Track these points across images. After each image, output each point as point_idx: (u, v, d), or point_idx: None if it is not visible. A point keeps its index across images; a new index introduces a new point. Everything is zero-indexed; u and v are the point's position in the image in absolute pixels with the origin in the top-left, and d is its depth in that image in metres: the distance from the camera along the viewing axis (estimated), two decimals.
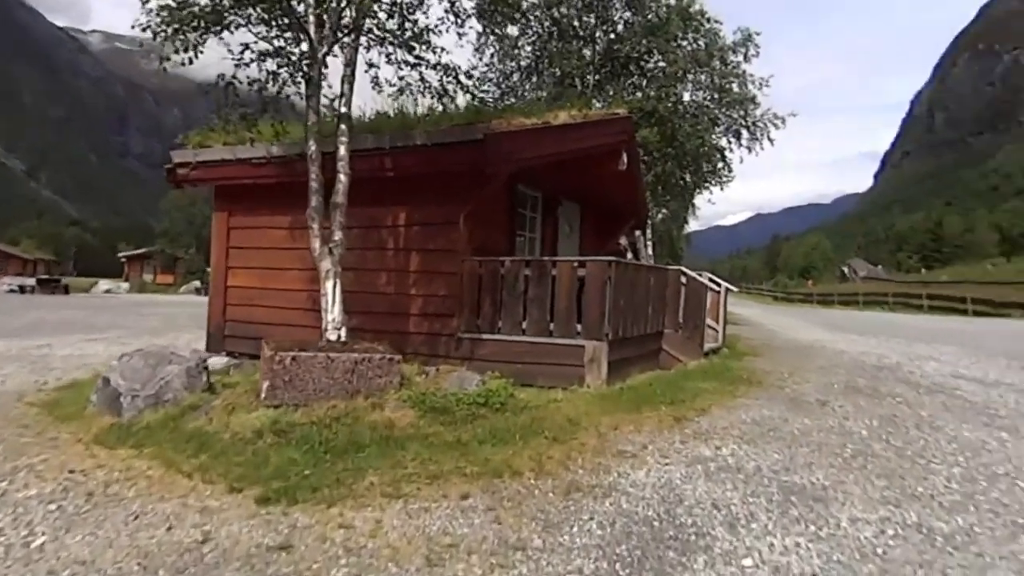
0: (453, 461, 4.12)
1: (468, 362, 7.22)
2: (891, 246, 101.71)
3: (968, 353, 10.06)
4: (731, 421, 5.18)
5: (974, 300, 28.66)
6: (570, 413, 5.19)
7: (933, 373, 7.92)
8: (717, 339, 10.16)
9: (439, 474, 3.92)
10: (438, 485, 3.77)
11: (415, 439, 4.54)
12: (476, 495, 3.62)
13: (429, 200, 7.62)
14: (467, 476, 3.89)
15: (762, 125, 16.07)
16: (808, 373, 7.88)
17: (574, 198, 10.56)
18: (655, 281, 8.19)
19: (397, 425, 4.73)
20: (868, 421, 5.32)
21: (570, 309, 6.85)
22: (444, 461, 4.13)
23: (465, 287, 7.39)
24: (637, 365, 7.67)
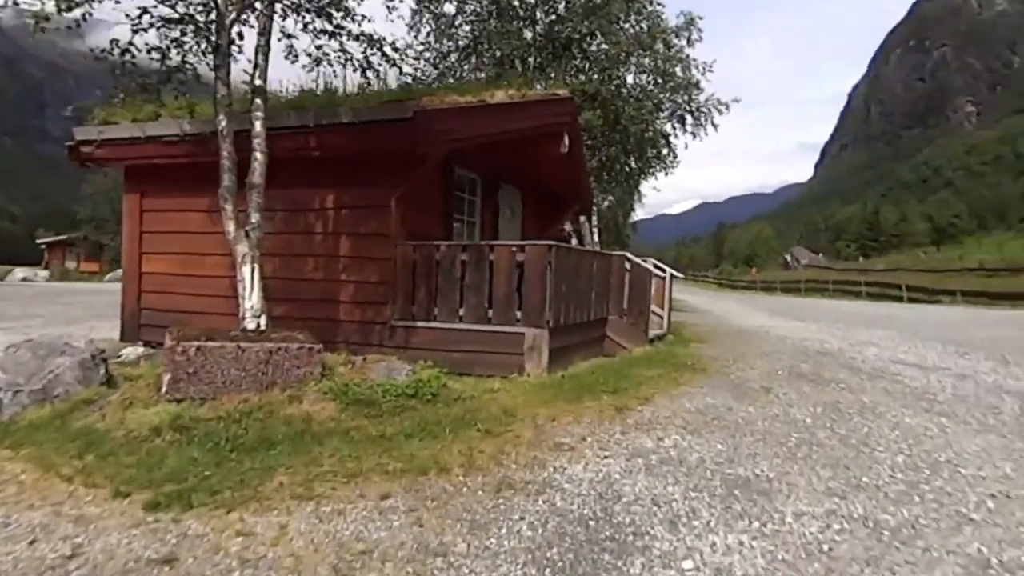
0: (375, 457, 3.81)
1: (403, 351, 6.90)
2: (830, 235, 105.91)
3: (906, 338, 10.31)
4: (674, 410, 5.02)
5: (909, 287, 29.93)
6: (506, 404, 4.93)
7: (874, 359, 8.02)
8: (662, 325, 10.10)
9: (358, 472, 3.60)
10: (356, 484, 3.45)
11: (335, 434, 4.20)
12: (398, 495, 3.32)
13: (359, 182, 7.23)
14: (389, 474, 3.58)
15: (706, 111, 16.15)
16: (752, 359, 7.86)
17: (515, 182, 10.29)
18: (598, 267, 8.01)
19: (315, 419, 4.37)
20: (812, 408, 5.26)
21: (509, 295, 6.60)
22: (365, 458, 3.81)
23: (398, 273, 7.04)
24: (580, 352, 7.49)
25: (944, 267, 43.89)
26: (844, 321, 13.95)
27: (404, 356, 6.85)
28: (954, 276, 36.05)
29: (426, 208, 7.82)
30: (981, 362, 7.81)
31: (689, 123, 16.29)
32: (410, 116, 6.47)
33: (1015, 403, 5.64)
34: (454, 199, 8.57)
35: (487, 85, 8.97)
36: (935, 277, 36.50)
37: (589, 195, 11.62)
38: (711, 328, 12.21)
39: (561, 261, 6.66)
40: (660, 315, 10.16)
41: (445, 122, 6.70)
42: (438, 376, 5.27)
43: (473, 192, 9.17)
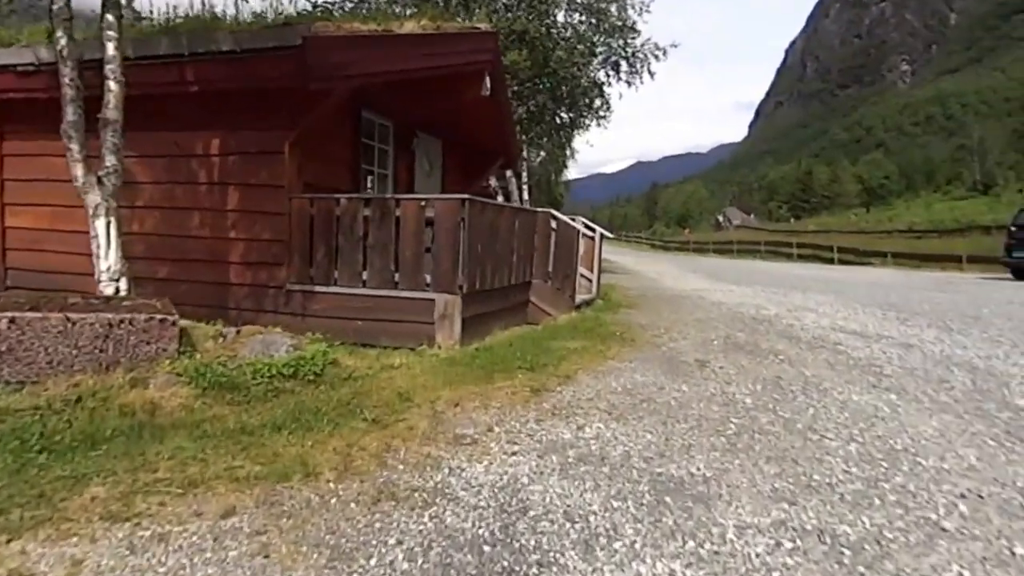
0: (228, 458, 3.19)
1: (300, 319, 6.26)
2: (763, 195, 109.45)
3: (844, 303, 10.37)
4: (599, 390, 4.60)
5: (840, 249, 31.08)
6: (405, 384, 4.39)
7: (812, 326, 7.91)
8: (591, 290, 9.75)
9: (200, 479, 2.97)
10: (194, 497, 2.83)
11: (182, 428, 3.55)
12: (245, 510, 2.73)
13: (247, 124, 6.43)
14: (240, 481, 2.97)
15: (642, 56, 15.69)
16: (686, 327, 7.59)
17: (434, 131, 9.57)
18: (521, 225, 7.49)
19: (162, 408, 3.71)
20: (752, 386, 4.96)
21: (418, 257, 6.00)
22: (215, 459, 3.18)
23: (294, 230, 6.33)
24: (500, 320, 7.00)
25: (874, 229, 45.99)
26: (779, 284, 14.08)
27: (302, 325, 6.21)
28: (884, 238, 37.79)
29: (329, 157, 7.06)
30: (924, 330, 7.80)
31: (624, 70, 15.82)
32: (299, 44, 5.69)
33: (966, 377, 5.51)
34: (363, 148, 7.81)
35: (398, 17, 8.17)
36: (866, 239, 38.15)
37: (516, 147, 11.02)
38: (643, 292, 12.00)
39: (477, 218, 6.09)
40: (589, 278, 9.79)
41: (342, 53, 5.93)
42: (325, 351, 4.65)
43: (385, 141, 8.41)
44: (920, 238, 36.25)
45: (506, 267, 7.04)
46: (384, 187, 8.36)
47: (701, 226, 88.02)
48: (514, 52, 12.49)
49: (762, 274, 18.56)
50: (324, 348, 4.68)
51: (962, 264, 25.14)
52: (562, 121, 16.67)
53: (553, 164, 28.59)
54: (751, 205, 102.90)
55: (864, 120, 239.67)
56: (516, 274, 7.40)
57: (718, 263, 28.26)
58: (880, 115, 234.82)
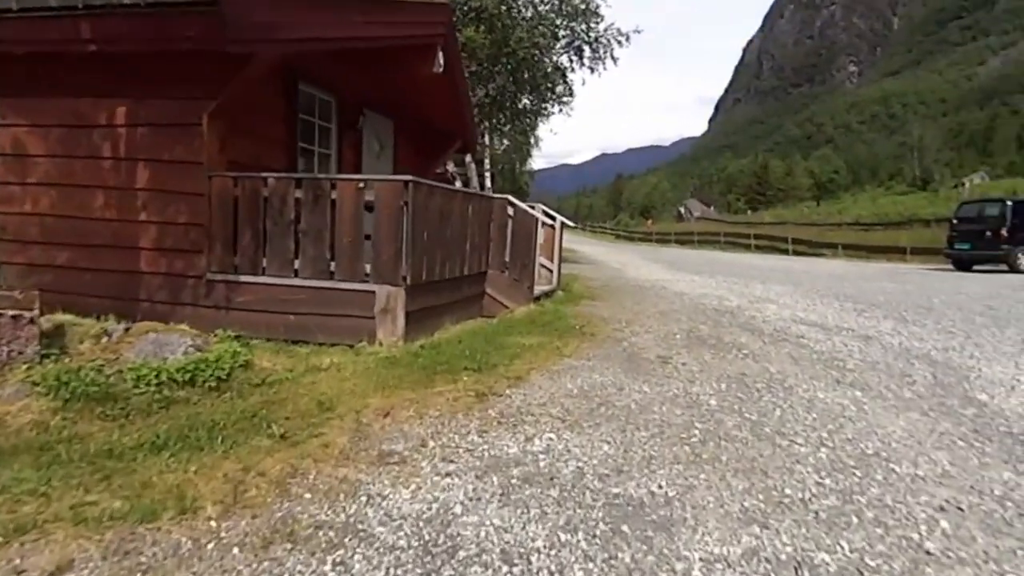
0: (80, 491, 2.53)
1: (224, 312, 5.55)
2: (722, 188, 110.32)
3: (803, 294, 10.00)
4: (553, 393, 4.03)
5: (794, 240, 31.14)
6: (329, 390, 3.75)
7: (774, 318, 7.48)
8: (552, 280, 9.19)
9: (35, 522, 2.31)
10: (21, 546, 2.17)
11: (27, 451, 2.87)
12: (87, 564, 2.08)
13: (159, 91, 5.63)
14: (90, 523, 2.31)
15: (605, 42, 15.08)
16: (648, 320, 7.08)
17: (385, 109, 8.86)
18: (475, 211, 6.87)
19: (7, 426, 3.00)
20: (716, 385, 4.45)
21: (356, 244, 5.34)
22: (63, 492, 2.51)
23: (215, 213, 5.60)
24: (452, 314, 6.39)
25: (825, 221, 46.45)
26: (740, 275, 13.73)
27: (226, 320, 5.51)
28: (835, 230, 38.08)
29: (260, 133, 6.32)
30: (881, 321, 7.45)
31: (587, 55, 15.20)
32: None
33: (926, 370, 5.14)
34: (301, 125, 7.07)
35: None
36: (817, 231, 38.40)
37: (474, 130, 10.36)
38: (605, 283, 11.50)
39: (423, 202, 5.45)
40: (550, 269, 9.23)
41: (267, 12, 5.20)
42: (235, 352, 3.96)
43: (328, 118, 7.68)
44: (867, 230, 36.57)
45: (458, 256, 6.42)
46: (327, 168, 7.64)
47: (664, 217, 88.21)
48: (471, 28, 11.74)
49: (723, 265, 18.27)
50: (235, 348, 3.98)
51: (906, 255, 25.33)
52: (524, 106, 15.93)
53: (517, 152, 27.91)
54: (711, 197, 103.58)
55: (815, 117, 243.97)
56: (470, 264, 6.79)
57: (680, 253, 28.01)
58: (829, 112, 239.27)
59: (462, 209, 6.48)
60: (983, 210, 18.39)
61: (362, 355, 4.86)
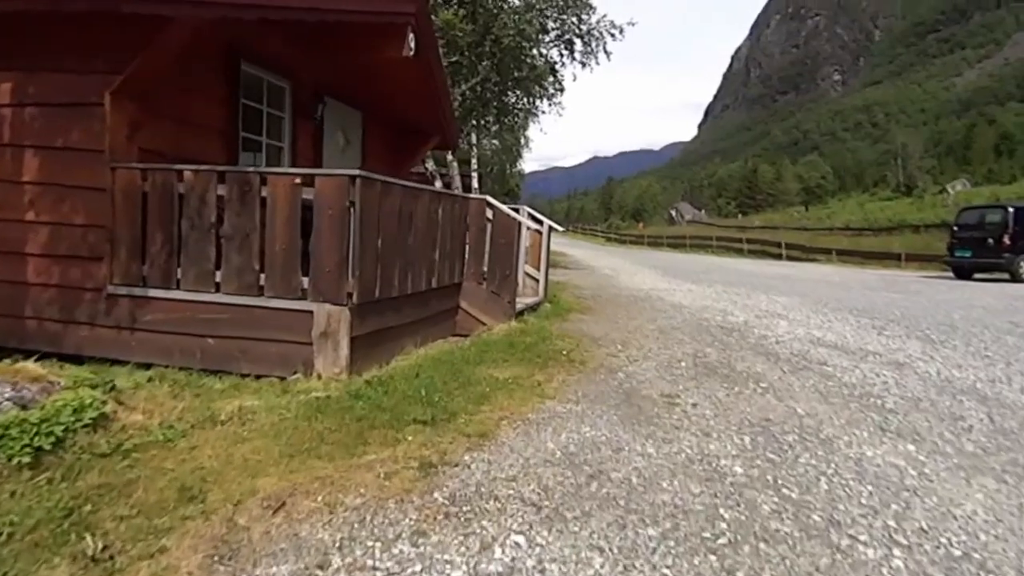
0: None
1: (129, 333, 4.46)
2: (713, 192, 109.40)
3: (812, 307, 8.94)
4: (527, 460, 2.94)
5: (787, 245, 30.16)
6: (212, 461, 2.65)
7: (788, 338, 6.42)
8: (538, 291, 8.11)
9: None
10: None
11: None
12: None
13: (52, 63, 4.54)
14: None
15: (597, 34, 13.93)
16: (646, 341, 6.01)
17: (351, 99, 7.75)
18: (447, 214, 5.77)
19: None
20: (738, 438, 3.38)
21: (290, 252, 4.25)
22: None
23: (119, 212, 4.50)
24: (416, 335, 5.30)
25: (816, 226, 45.56)
26: (740, 283, 12.67)
27: (130, 343, 4.43)
28: (826, 235, 37.18)
29: (188, 119, 5.20)
30: (906, 342, 6.42)
31: (579, 49, 14.05)
32: None
33: (979, 410, 4.15)
34: (245, 112, 5.95)
35: None
36: (809, 235, 37.49)
37: (454, 126, 9.26)
38: (596, 292, 10.42)
39: (375, 202, 4.35)
40: (536, 278, 8.14)
41: None
42: (86, 403, 2.79)
43: (279, 106, 6.56)
44: (858, 235, 35.68)
45: (424, 266, 5.33)
46: (279, 163, 6.54)
47: (655, 220, 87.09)
48: (448, 11, 10.54)
49: (719, 271, 17.21)
50: (86, 397, 2.80)
51: (901, 262, 24.42)
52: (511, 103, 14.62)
53: (507, 153, 26.76)
54: (702, 201, 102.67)
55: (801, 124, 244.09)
56: (440, 275, 5.69)
57: (673, 258, 26.95)
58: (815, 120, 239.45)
59: (430, 211, 5.38)
60: (985, 216, 17.43)
61: (289, 395, 3.75)
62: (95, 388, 2.96)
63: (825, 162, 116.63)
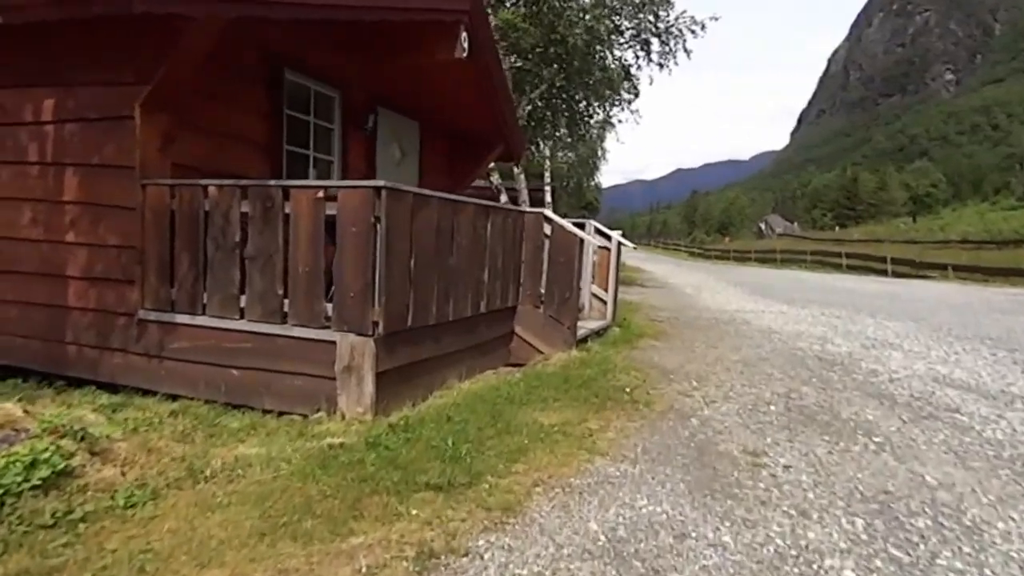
0: None
1: (158, 362, 4.20)
2: (806, 203, 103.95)
3: (932, 335, 7.76)
4: (557, 550, 2.30)
5: (894, 260, 27.72)
6: (167, 540, 2.19)
7: (905, 374, 5.44)
8: (605, 314, 7.41)
9: None
10: None
11: None
12: None
13: (86, 75, 4.36)
14: None
15: (676, 32, 13.01)
16: (728, 375, 5.21)
17: (406, 108, 7.39)
18: (497, 230, 5.23)
19: None
20: (848, 523, 2.61)
21: (314, 275, 3.83)
22: None
23: (149, 231, 4.25)
24: (461, 365, 4.78)
25: (926, 239, 42.01)
26: (840, 304, 11.41)
27: (159, 372, 4.18)
28: (940, 248, 34.08)
29: (225, 131, 4.94)
30: None
31: (655, 49, 13.17)
32: None
33: None
34: (290, 124, 5.66)
35: None
36: (919, 249, 34.49)
37: (518, 135, 8.74)
38: (674, 313, 9.57)
39: (404, 217, 3.85)
40: (603, 299, 7.46)
41: None
42: (37, 456, 2.39)
43: (329, 117, 6.26)
44: (978, 248, 32.39)
45: (470, 289, 4.79)
46: (328, 178, 6.22)
47: (742, 234, 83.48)
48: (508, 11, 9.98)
49: (815, 289, 15.80)
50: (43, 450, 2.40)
51: None
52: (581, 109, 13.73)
53: (583, 166, 26.01)
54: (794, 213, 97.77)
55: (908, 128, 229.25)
56: (489, 298, 5.15)
57: (762, 274, 25.34)
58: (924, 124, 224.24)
59: (475, 226, 4.85)
60: None
61: (303, 439, 3.30)
62: (64, 437, 2.58)
63: (936, 168, 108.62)
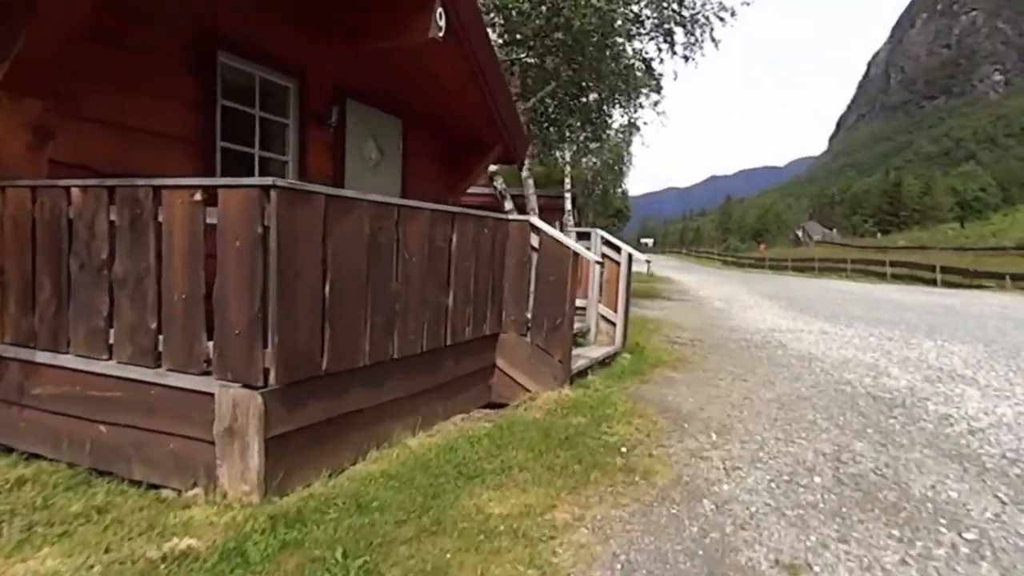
0: None
1: (18, 411, 3.31)
2: (846, 209, 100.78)
3: (1006, 361, 6.55)
4: None
5: (943, 269, 25.97)
6: None
7: (988, 422, 4.31)
8: (614, 337, 6.39)
9: None
10: None
11: None
12: None
13: None
14: None
15: (703, 20, 11.87)
16: (758, 422, 4.15)
17: (386, 104, 6.50)
18: (466, 242, 4.27)
19: None
20: None
21: (192, 304, 2.91)
22: None
23: (8, 245, 3.38)
24: (414, 414, 3.84)
25: (977, 245, 39.76)
26: (890, 321, 10.16)
27: (18, 424, 3.27)
28: (993, 255, 32.08)
29: (129, 122, 4.07)
30: None
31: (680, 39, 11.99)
32: None
33: None
34: (220, 115, 4.76)
35: None
36: (971, 257, 32.51)
37: (518, 135, 7.77)
38: (699, 332, 8.47)
39: (309, 226, 2.91)
40: (612, 321, 6.43)
41: None
42: None
43: (282, 109, 5.38)
44: None
45: (426, 317, 3.84)
46: None
47: (778, 241, 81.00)
48: None
49: (859, 302, 14.46)
50: None
51: None
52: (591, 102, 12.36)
53: (609, 172, 24.86)
54: (833, 219, 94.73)
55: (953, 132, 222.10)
56: (457, 327, 4.19)
57: (800, 285, 23.88)
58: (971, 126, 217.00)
59: (434, 239, 3.90)
60: None
61: (146, 539, 2.38)
62: None
63: (985, 172, 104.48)
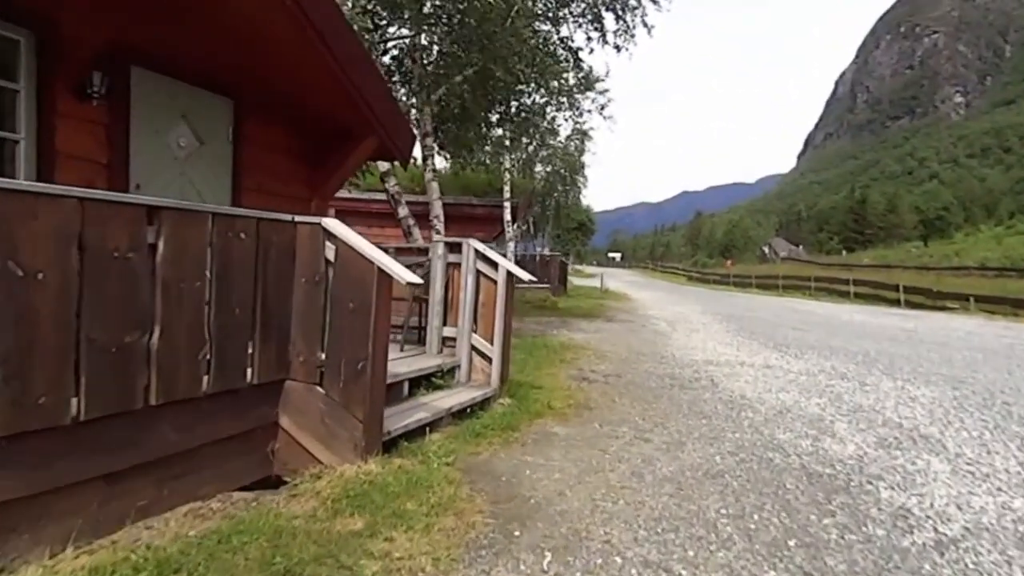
0: None
1: None
2: (812, 226, 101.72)
3: (979, 413, 5.34)
4: None
5: (907, 288, 25.29)
6: None
7: (961, 526, 3.05)
8: (489, 377, 5.03)
9: None
10: None
11: None
12: None
13: None
14: None
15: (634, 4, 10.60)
16: (627, 527, 2.82)
17: (205, 78, 5.09)
18: (185, 247, 2.87)
19: None
20: None
21: None
22: None
23: None
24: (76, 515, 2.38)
25: (939, 264, 39.66)
26: (846, 351, 8.97)
27: None
28: (955, 275, 31.73)
29: None
30: None
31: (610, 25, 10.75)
32: None
33: None
34: None
35: None
36: (934, 276, 32.13)
37: (400, 128, 6.42)
38: (620, 364, 7.15)
39: None
40: (487, 356, 5.08)
41: None
42: None
43: (10, 71, 3.94)
44: (999, 276, 30.03)
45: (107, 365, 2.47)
46: (12, 165, 3.90)
47: (746, 257, 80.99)
48: None
49: (817, 325, 13.36)
50: None
51: None
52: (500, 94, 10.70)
53: (562, 182, 23.50)
54: (799, 236, 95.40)
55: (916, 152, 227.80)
56: (181, 374, 2.82)
57: (758, 303, 22.89)
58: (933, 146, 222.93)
59: (104, 244, 2.50)
60: None
61: None
62: None
63: (947, 191, 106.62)
